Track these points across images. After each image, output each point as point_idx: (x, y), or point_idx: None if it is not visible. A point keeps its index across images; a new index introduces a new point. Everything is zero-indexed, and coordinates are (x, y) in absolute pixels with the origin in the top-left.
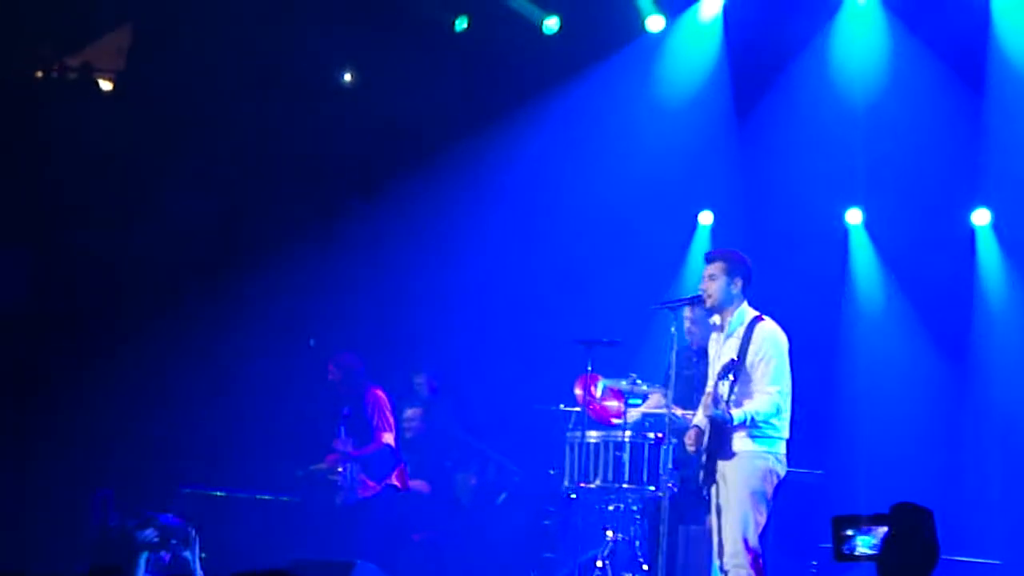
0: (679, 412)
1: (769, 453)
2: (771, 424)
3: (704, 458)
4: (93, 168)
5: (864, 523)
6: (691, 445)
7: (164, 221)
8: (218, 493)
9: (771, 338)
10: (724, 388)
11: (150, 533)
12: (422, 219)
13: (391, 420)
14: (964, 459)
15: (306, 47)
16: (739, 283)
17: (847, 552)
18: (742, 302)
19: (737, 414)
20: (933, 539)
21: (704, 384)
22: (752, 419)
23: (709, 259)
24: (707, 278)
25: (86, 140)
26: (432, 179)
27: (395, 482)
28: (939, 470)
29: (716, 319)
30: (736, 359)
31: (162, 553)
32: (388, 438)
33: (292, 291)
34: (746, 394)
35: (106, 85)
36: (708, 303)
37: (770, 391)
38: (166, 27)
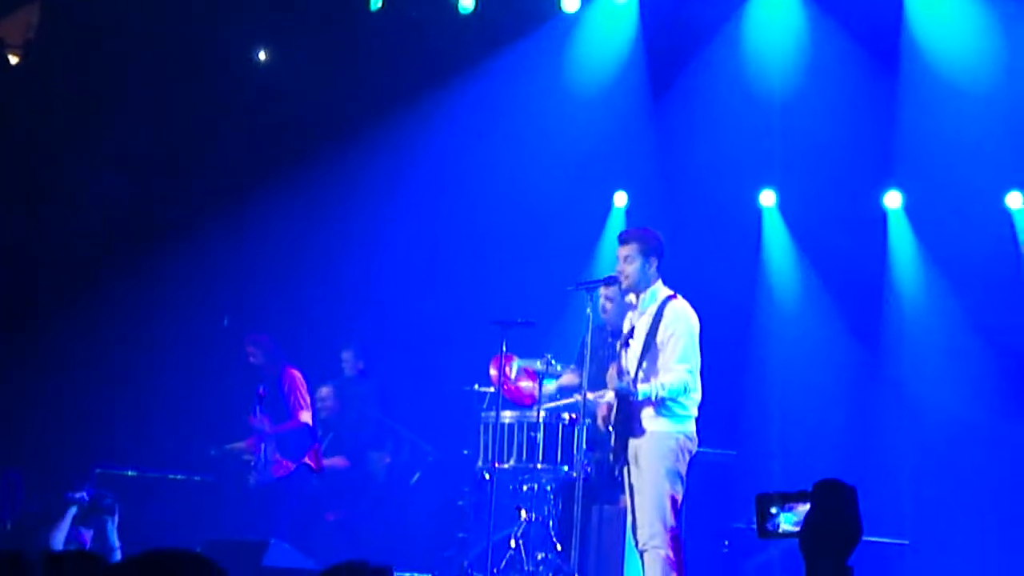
0: (591, 396)
1: (680, 432)
2: (679, 403)
3: (613, 437)
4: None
5: (787, 500)
6: (601, 421)
7: (76, 200)
8: (130, 473)
9: (681, 316)
10: (630, 363)
11: (80, 495)
12: (336, 199)
13: (307, 399)
14: (874, 439)
15: (220, 25)
16: (655, 262)
17: (771, 529)
18: (657, 280)
19: (643, 388)
20: (856, 516)
21: None
22: (658, 395)
23: (623, 240)
24: (622, 259)
25: None
26: (346, 159)
27: (309, 462)
28: (850, 450)
29: (632, 298)
30: (645, 334)
31: (83, 529)
32: (305, 416)
33: (205, 270)
34: (654, 372)
35: (13, 59)
36: (625, 284)
37: (678, 368)
38: (75, 3)
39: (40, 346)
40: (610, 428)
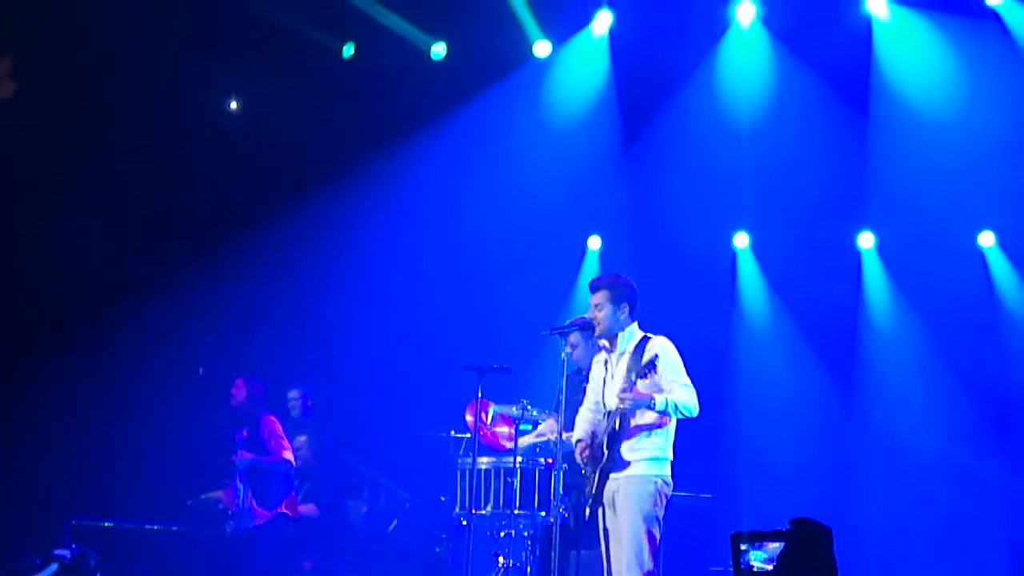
0: (566, 436)
1: (658, 476)
2: (659, 445)
3: (596, 477)
4: None
5: (757, 538)
6: (583, 453)
7: (49, 249)
8: (107, 524)
9: (667, 347)
10: (610, 400)
11: (63, 552)
12: (310, 247)
13: (286, 441)
14: (850, 479)
15: (192, 75)
16: (626, 308)
17: (744, 567)
18: (631, 323)
19: (659, 399)
20: (830, 556)
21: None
22: (676, 407)
23: (593, 288)
24: (594, 307)
25: None
26: (320, 206)
27: (285, 510)
28: (826, 490)
29: (604, 342)
30: (626, 371)
31: None
32: (288, 455)
33: (181, 319)
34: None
35: None
36: (598, 331)
37: (687, 388)
38: (48, 56)
39: (12, 397)
40: (585, 469)
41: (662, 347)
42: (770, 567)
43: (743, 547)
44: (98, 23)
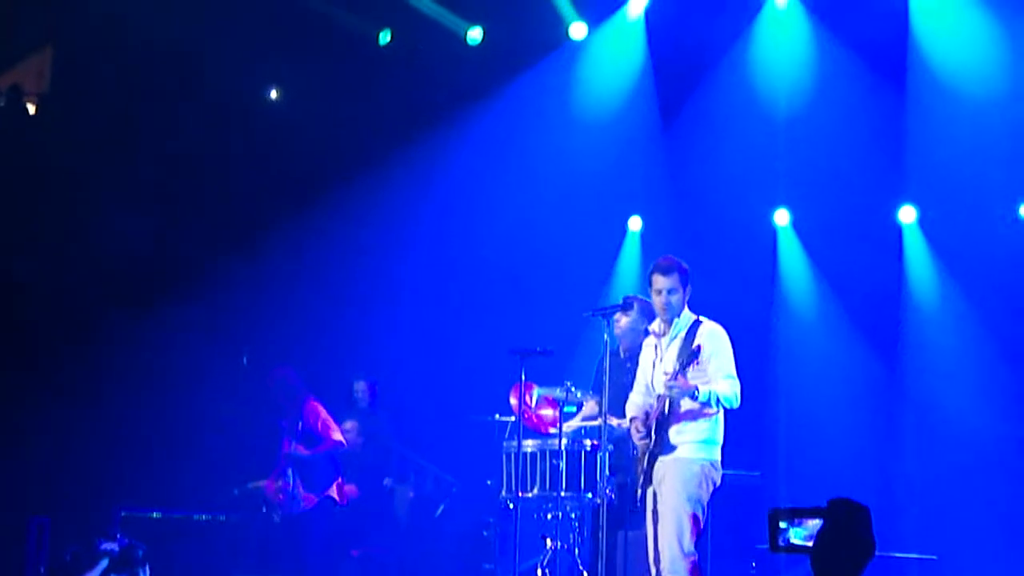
0: (615, 422)
1: (706, 460)
2: (709, 428)
3: (645, 460)
4: (20, 191)
5: (797, 515)
6: (638, 428)
7: (93, 240)
8: (155, 515)
9: (718, 334)
10: (658, 385)
11: (111, 545)
12: (351, 233)
13: (333, 423)
14: (898, 455)
15: (230, 64)
16: (690, 290)
17: (782, 544)
18: (684, 307)
19: (703, 390)
20: (868, 535)
21: None
22: (717, 399)
23: (667, 270)
24: (666, 291)
25: (12, 163)
26: (360, 192)
27: (333, 494)
28: (874, 467)
29: (656, 325)
30: (677, 355)
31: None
32: (337, 435)
33: (223, 308)
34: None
35: (31, 107)
36: (667, 315)
37: (730, 379)
38: (87, 48)
39: (60, 389)
40: (636, 448)
41: (712, 335)
42: (810, 544)
43: (783, 524)
44: (137, 15)
